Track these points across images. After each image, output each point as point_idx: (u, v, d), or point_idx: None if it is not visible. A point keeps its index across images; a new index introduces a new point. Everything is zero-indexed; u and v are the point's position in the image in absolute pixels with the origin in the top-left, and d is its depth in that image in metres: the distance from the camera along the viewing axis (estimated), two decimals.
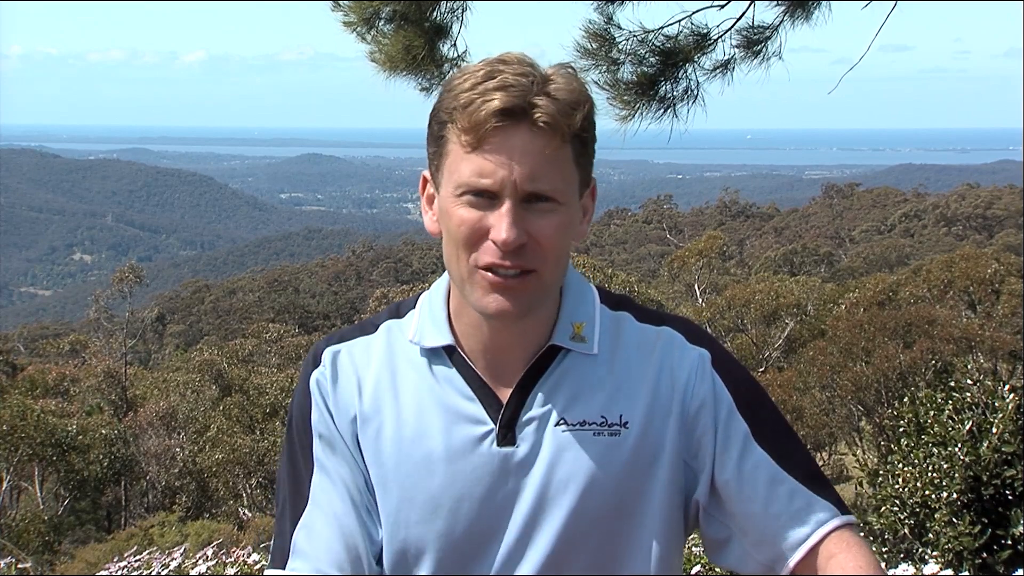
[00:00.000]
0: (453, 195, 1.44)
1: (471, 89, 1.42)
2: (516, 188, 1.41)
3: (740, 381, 1.56)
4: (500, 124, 1.40)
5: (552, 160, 1.42)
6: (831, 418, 22.22)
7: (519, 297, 1.44)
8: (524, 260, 1.43)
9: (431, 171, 1.51)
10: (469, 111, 1.41)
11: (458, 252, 1.45)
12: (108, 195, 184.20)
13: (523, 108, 1.40)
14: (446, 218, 1.46)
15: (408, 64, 5.50)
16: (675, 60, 5.37)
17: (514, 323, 1.49)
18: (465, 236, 1.43)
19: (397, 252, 78.68)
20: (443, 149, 1.46)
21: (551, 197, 1.43)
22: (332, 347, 1.59)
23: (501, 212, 1.41)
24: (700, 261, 35.44)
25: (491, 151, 1.41)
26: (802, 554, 1.49)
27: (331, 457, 1.54)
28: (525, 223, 1.42)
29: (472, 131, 1.41)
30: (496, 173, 1.41)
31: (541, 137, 1.41)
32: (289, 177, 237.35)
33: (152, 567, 7.25)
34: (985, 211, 66.20)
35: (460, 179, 1.43)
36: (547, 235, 1.43)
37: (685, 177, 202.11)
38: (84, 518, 22.93)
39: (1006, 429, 4.26)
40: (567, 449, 1.50)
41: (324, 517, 1.51)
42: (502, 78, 1.41)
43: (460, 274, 1.46)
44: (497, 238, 1.41)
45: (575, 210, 1.48)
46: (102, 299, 29.79)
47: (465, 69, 1.47)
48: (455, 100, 1.43)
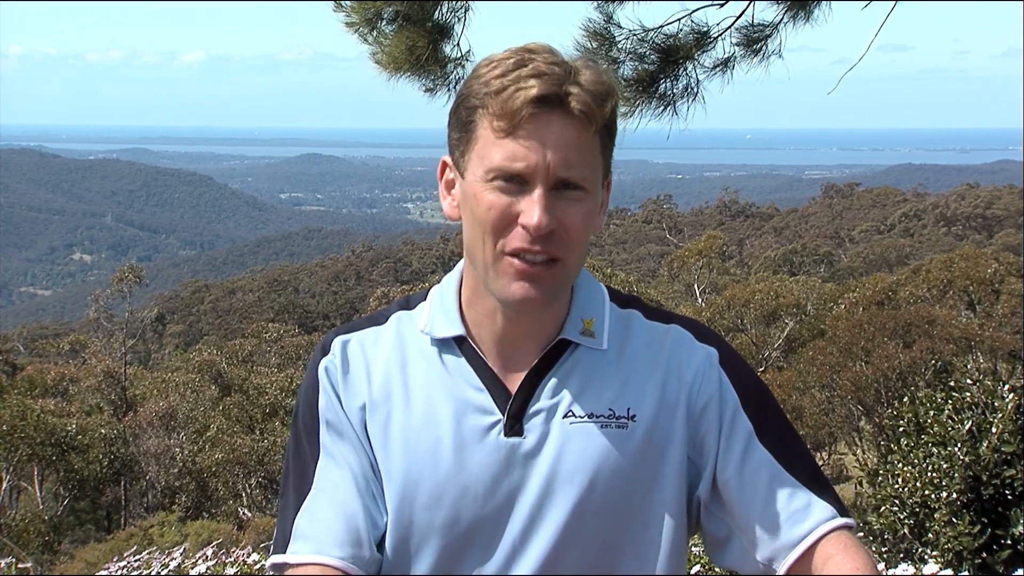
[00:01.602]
0: (483, 179, 1.44)
1: (503, 76, 1.42)
2: (549, 174, 1.41)
3: (747, 380, 1.57)
4: (536, 111, 1.40)
5: (583, 149, 1.43)
6: (831, 418, 22.23)
7: (544, 285, 1.44)
8: (552, 247, 1.43)
9: (454, 157, 1.50)
10: (503, 97, 1.41)
11: (484, 237, 1.44)
12: (108, 195, 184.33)
13: (559, 96, 1.41)
14: (473, 203, 1.45)
15: (412, 65, 5.49)
16: (675, 58, 5.37)
17: (536, 312, 1.49)
18: (494, 220, 1.43)
19: (397, 252, 78.78)
20: (471, 135, 1.45)
21: (580, 185, 1.44)
22: (342, 336, 1.59)
23: (533, 197, 1.41)
24: (700, 261, 35.48)
25: (525, 137, 1.41)
26: (799, 553, 1.48)
27: (338, 442, 1.54)
28: (555, 210, 1.42)
29: (507, 117, 1.41)
30: (529, 158, 1.41)
31: (575, 125, 1.42)
32: (289, 177, 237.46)
33: (152, 567, 7.25)
34: (985, 211, 66.24)
35: (491, 163, 1.42)
36: (575, 223, 1.44)
37: (685, 177, 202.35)
38: (84, 518, 22.94)
39: (1006, 429, 4.26)
40: (574, 441, 1.50)
41: (328, 500, 1.50)
42: (535, 66, 1.42)
43: (485, 259, 1.46)
44: (528, 223, 1.41)
45: (599, 200, 1.49)
46: (102, 299, 29.71)
47: (492, 57, 1.47)
48: (486, 87, 1.43)
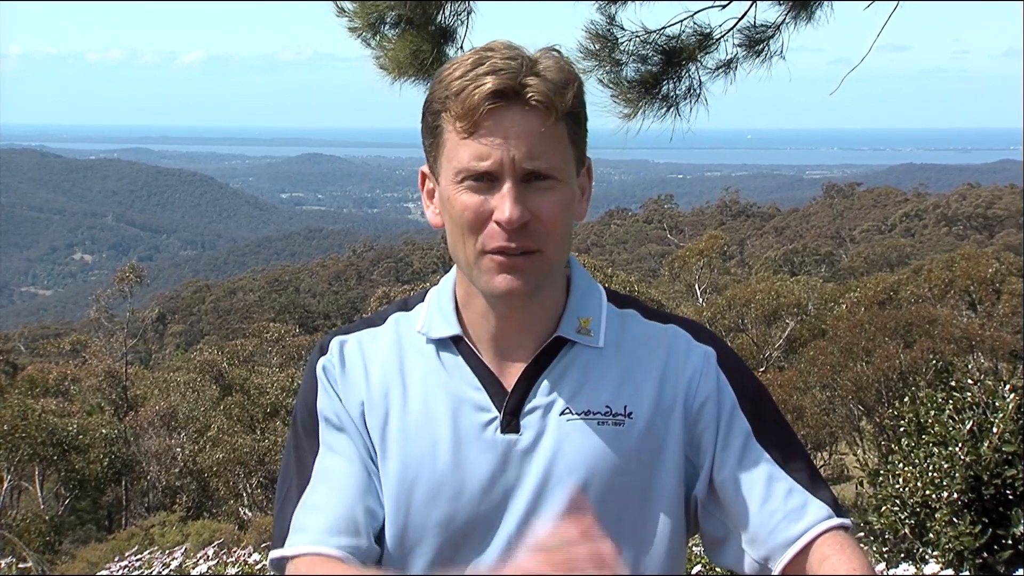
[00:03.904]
0: (453, 182, 1.45)
1: (462, 76, 1.43)
2: (515, 167, 1.42)
3: (745, 380, 1.57)
4: (493, 106, 1.41)
5: (548, 138, 1.44)
6: (832, 418, 22.20)
7: (526, 275, 1.45)
8: (529, 240, 1.44)
9: (429, 164, 1.52)
10: (462, 97, 1.42)
11: (464, 238, 1.46)
12: (109, 195, 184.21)
13: (515, 89, 1.42)
14: (448, 206, 1.47)
15: (415, 69, 5.50)
16: (678, 59, 5.37)
17: (522, 303, 1.50)
18: (469, 221, 1.44)
19: (398, 252, 78.69)
20: (439, 139, 1.47)
21: (550, 175, 1.44)
22: (340, 337, 1.60)
23: (503, 192, 1.42)
24: (701, 261, 35.46)
25: (487, 134, 1.42)
26: (794, 552, 1.48)
27: (337, 437, 1.55)
28: (526, 202, 1.43)
29: (466, 116, 1.42)
30: (493, 155, 1.42)
31: (535, 116, 1.43)
32: (290, 177, 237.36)
33: (153, 567, 7.27)
34: (986, 211, 66.19)
35: (459, 165, 1.44)
36: (549, 212, 1.44)
37: (686, 177, 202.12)
38: (85, 518, 22.93)
39: (1007, 429, 4.26)
40: (571, 437, 1.50)
41: (327, 490, 1.51)
42: (491, 63, 1.43)
43: (467, 259, 1.47)
44: (501, 218, 1.42)
45: (573, 188, 1.49)
46: (103, 299, 29.69)
47: (453, 60, 1.48)
48: (446, 89, 1.44)
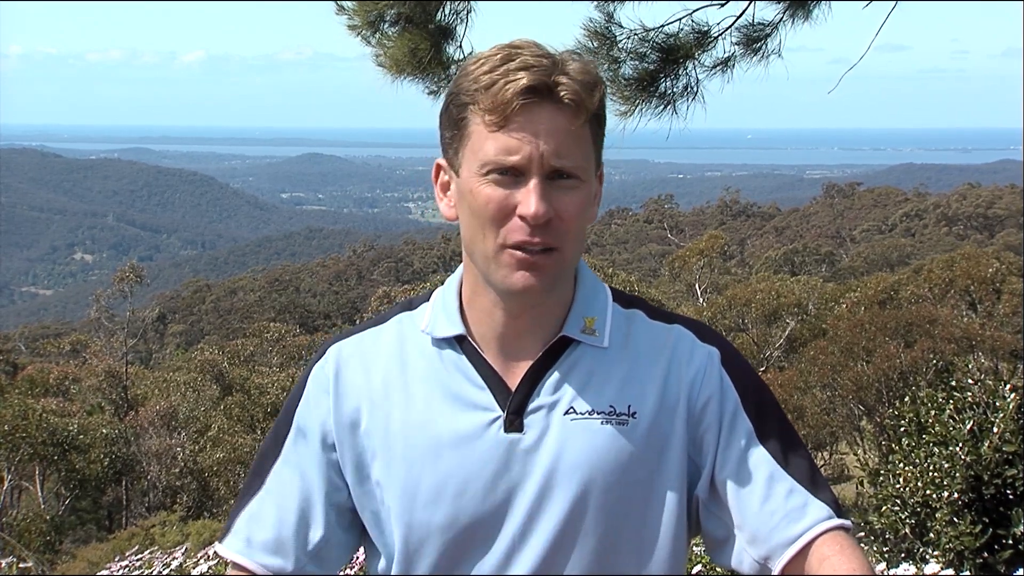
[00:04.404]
0: (478, 175, 1.45)
1: (492, 71, 1.44)
2: (543, 164, 1.43)
3: (748, 381, 1.57)
4: (526, 102, 1.42)
5: (575, 138, 1.45)
6: (832, 417, 22.19)
7: (544, 274, 1.46)
8: (550, 237, 1.44)
9: (447, 156, 1.52)
10: (493, 91, 1.42)
11: (484, 231, 1.46)
12: (109, 195, 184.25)
13: (548, 86, 1.43)
14: (470, 198, 1.46)
15: (414, 67, 5.50)
16: (676, 57, 5.37)
17: (537, 301, 1.50)
18: (492, 214, 1.44)
19: (398, 252, 78.73)
20: (463, 131, 1.47)
21: (574, 174, 1.45)
22: (339, 343, 1.61)
23: (528, 188, 1.43)
24: (701, 261, 35.45)
25: (517, 129, 1.42)
26: (794, 552, 1.48)
27: (302, 450, 1.57)
28: (550, 199, 1.43)
29: (498, 110, 1.42)
30: (523, 149, 1.42)
31: (565, 114, 1.44)
32: (290, 177, 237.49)
33: (153, 567, 7.27)
34: (986, 211, 66.21)
35: (485, 157, 1.44)
36: (571, 211, 1.45)
37: (686, 177, 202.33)
38: (85, 518, 22.94)
39: (1007, 428, 4.25)
40: (574, 437, 1.50)
41: (270, 506, 1.56)
42: (522, 59, 1.44)
43: (485, 253, 1.47)
44: (526, 212, 1.42)
45: (593, 189, 1.51)
46: (103, 299, 29.69)
47: (479, 55, 1.49)
48: (475, 83, 1.45)
